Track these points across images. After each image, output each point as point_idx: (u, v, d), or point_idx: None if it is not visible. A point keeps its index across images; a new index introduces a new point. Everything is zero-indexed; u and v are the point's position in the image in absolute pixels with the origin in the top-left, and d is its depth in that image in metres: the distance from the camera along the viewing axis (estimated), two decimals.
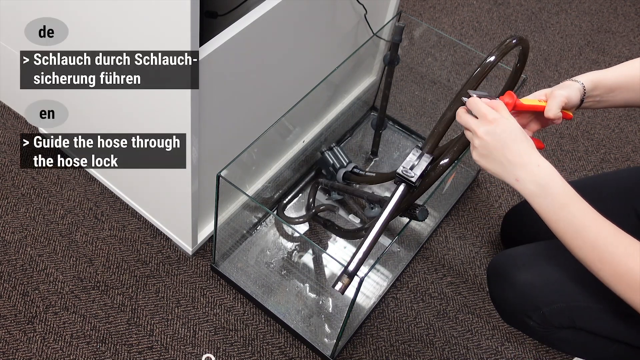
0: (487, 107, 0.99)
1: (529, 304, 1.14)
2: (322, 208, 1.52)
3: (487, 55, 1.08)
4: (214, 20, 1.35)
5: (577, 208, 0.95)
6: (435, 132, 1.10)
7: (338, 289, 1.04)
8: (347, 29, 1.58)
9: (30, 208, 1.57)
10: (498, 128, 0.97)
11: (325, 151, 1.63)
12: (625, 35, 2.24)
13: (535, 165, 0.95)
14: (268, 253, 1.56)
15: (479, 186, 1.76)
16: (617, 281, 0.93)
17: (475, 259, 1.61)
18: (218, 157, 1.37)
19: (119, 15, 1.11)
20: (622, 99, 1.11)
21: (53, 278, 1.46)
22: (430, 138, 1.11)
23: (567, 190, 0.95)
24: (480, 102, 0.99)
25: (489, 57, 1.08)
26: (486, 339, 1.48)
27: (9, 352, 1.35)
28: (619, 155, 1.88)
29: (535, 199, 0.96)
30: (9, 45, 1.53)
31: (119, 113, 1.33)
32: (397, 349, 1.45)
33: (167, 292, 1.47)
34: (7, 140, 1.69)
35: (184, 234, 1.48)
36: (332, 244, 1.60)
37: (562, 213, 0.95)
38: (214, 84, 1.19)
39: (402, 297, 1.53)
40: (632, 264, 0.91)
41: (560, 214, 0.95)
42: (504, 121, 0.97)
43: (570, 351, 1.25)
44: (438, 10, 2.25)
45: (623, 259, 0.92)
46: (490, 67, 1.08)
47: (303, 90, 1.46)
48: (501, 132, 0.96)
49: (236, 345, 1.41)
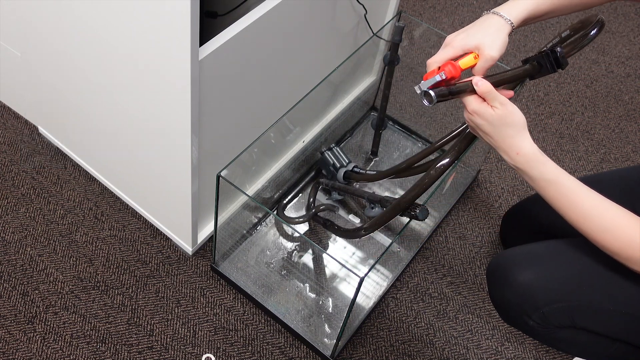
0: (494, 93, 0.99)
1: (529, 304, 1.14)
2: (322, 208, 1.52)
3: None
4: (214, 20, 1.35)
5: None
6: None
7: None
8: (347, 29, 1.58)
9: (30, 208, 1.57)
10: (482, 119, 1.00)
11: (325, 151, 1.63)
12: (625, 35, 2.24)
13: (514, 152, 1.01)
14: (268, 253, 1.56)
15: (479, 186, 1.76)
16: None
17: (475, 259, 1.61)
18: (218, 157, 1.37)
19: (118, 15, 1.11)
20: (561, 12, 1.12)
21: (53, 278, 1.46)
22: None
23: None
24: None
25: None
26: (486, 339, 1.48)
27: (9, 352, 1.35)
28: (619, 155, 1.88)
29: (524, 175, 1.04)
30: (9, 45, 1.53)
31: (119, 113, 1.33)
32: (397, 349, 1.45)
33: (167, 292, 1.47)
34: (7, 140, 1.69)
35: (184, 234, 1.48)
36: (332, 244, 1.60)
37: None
38: (214, 84, 1.19)
39: (402, 297, 1.53)
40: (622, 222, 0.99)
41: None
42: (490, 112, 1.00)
43: (571, 351, 1.25)
44: (438, 10, 2.25)
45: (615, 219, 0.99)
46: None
47: (303, 90, 1.46)
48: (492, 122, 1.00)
49: (236, 345, 1.41)
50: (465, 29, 1.06)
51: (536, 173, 1.01)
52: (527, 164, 1.01)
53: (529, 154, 1.01)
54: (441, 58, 1.04)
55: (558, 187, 1.01)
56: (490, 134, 1.01)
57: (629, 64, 2.15)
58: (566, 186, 1.01)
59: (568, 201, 1.01)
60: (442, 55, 1.04)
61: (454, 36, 1.05)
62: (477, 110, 1.00)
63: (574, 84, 2.06)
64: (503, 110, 0.98)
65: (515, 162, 1.02)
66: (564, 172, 1.01)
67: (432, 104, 0.99)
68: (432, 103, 0.99)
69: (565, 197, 1.01)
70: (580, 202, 1.00)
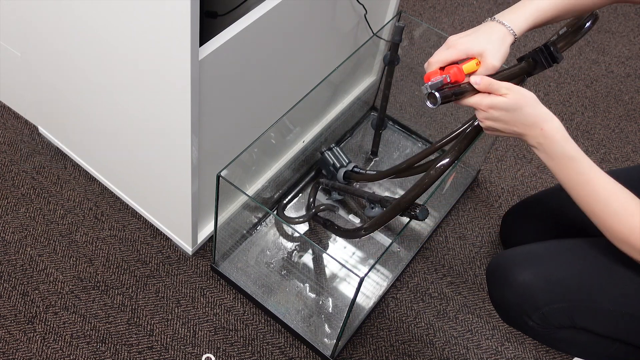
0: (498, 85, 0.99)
1: (529, 304, 1.14)
2: (322, 208, 1.52)
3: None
4: (214, 20, 1.35)
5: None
6: None
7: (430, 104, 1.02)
8: (347, 29, 1.58)
9: (30, 208, 1.57)
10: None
11: (325, 151, 1.63)
12: (625, 35, 2.24)
13: (539, 130, 1.00)
14: (268, 253, 1.56)
15: (479, 186, 1.76)
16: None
17: (475, 259, 1.61)
18: (218, 157, 1.37)
19: (118, 15, 1.11)
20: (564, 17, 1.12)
21: (53, 278, 1.46)
22: None
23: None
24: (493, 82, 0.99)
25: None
26: (486, 339, 1.48)
27: (9, 352, 1.35)
28: (619, 155, 1.88)
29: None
30: (9, 45, 1.53)
31: (119, 113, 1.33)
32: (397, 349, 1.45)
33: (167, 292, 1.47)
34: (7, 140, 1.69)
35: (184, 234, 1.48)
36: (332, 244, 1.60)
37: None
38: (214, 84, 1.19)
39: (402, 297, 1.53)
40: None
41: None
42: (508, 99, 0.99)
43: (571, 351, 1.25)
44: (438, 10, 2.25)
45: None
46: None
47: (303, 90, 1.46)
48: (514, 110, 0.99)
49: (236, 345, 1.41)
50: (468, 33, 1.05)
51: (558, 149, 1.00)
52: (552, 143, 0.99)
53: (554, 132, 0.99)
54: (444, 59, 1.03)
55: (577, 164, 1.00)
56: (511, 122, 0.99)
57: (629, 64, 2.15)
58: (585, 164, 1.00)
59: (584, 180, 1.00)
60: (445, 56, 1.03)
61: (457, 38, 1.04)
62: (492, 103, 0.98)
63: (574, 84, 2.06)
64: (513, 93, 0.97)
65: (539, 140, 1.00)
66: (583, 152, 1.01)
67: (435, 106, 0.98)
68: (435, 105, 0.98)
69: (582, 175, 1.00)
70: (595, 181, 1.00)
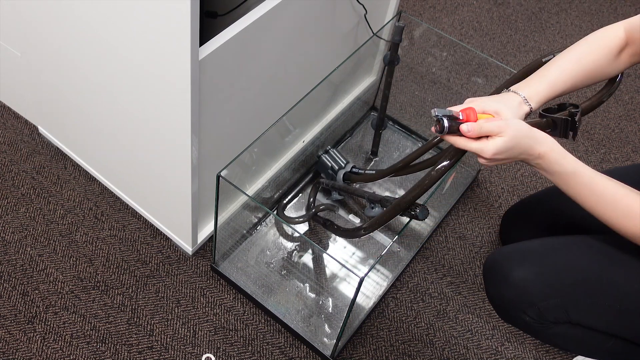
0: (488, 127, 1.00)
1: (525, 300, 1.15)
2: (322, 208, 1.52)
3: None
4: (214, 20, 1.35)
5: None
6: None
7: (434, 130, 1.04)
8: (347, 29, 1.58)
9: (30, 208, 1.57)
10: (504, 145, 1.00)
11: (322, 154, 1.63)
12: None
13: (536, 156, 1.03)
14: (268, 253, 1.56)
15: (479, 186, 1.76)
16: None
17: (475, 259, 1.61)
18: (218, 157, 1.37)
19: (118, 15, 1.11)
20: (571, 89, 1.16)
21: (53, 278, 1.46)
22: None
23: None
24: (483, 126, 1.00)
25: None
26: (486, 339, 1.48)
27: (9, 352, 1.35)
28: (619, 155, 1.88)
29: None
30: (9, 45, 1.53)
31: (119, 113, 1.33)
32: (397, 349, 1.45)
33: (167, 292, 1.47)
34: (7, 140, 1.69)
35: (184, 234, 1.48)
36: (332, 244, 1.60)
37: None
38: (214, 84, 1.19)
39: (402, 297, 1.53)
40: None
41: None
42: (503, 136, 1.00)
43: (568, 347, 1.26)
44: (438, 10, 2.25)
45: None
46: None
47: (303, 90, 1.46)
48: (512, 147, 1.01)
49: (236, 345, 1.41)
50: (486, 97, 1.09)
51: (557, 168, 1.04)
52: (550, 163, 1.03)
53: (549, 152, 1.03)
54: (460, 107, 1.06)
55: (578, 177, 1.04)
56: (512, 156, 1.02)
57: None
58: (586, 176, 1.04)
59: (588, 190, 1.04)
60: (461, 106, 1.07)
61: (474, 98, 1.09)
62: (495, 150, 1.00)
63: None
64: (507, 129, 0.99)
65: (538, 164, 1.04)
66: (581, 163, 1.05)
67: (439, 133, 1.00)
68: (441, 132, 1.00)
69: (585, 186, 1.04)
70: (599, 190, 1.04)
